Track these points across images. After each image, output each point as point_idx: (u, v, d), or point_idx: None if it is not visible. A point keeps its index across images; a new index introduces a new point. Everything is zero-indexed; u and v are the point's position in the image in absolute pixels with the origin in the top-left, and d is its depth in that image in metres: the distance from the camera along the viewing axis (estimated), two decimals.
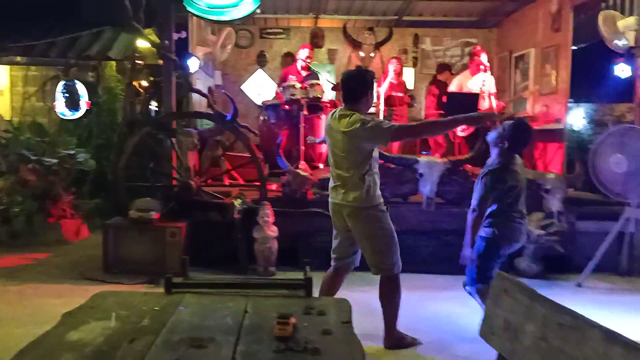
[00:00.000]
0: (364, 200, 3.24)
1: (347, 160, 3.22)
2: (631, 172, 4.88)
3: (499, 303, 2.00)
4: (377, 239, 3.37)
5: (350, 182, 3.24)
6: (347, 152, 3.20)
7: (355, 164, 3.20)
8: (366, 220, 3.32)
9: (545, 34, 7.39)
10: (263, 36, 8.71)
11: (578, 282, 4.94)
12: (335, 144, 3.25)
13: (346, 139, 3.15)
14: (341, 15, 8.47)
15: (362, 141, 3.15)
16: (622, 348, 1.30)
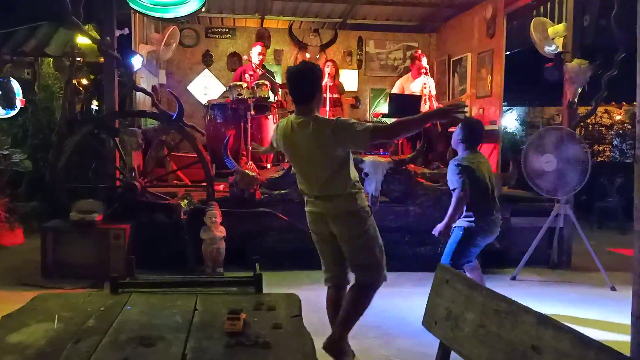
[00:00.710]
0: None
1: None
2: (560, 170, 5.19)
3: (441, 293, 2.09)
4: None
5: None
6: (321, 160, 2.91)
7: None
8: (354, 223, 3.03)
9: (480, 39, 7.71)
10: (209, 35, 8.62)
11: (513, 275, 5.21)
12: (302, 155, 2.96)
13: (315, 147, 2.86)
14: (287, 17, 8.53)
15: (337, 148, 2.86)
16: (553, 330, 1.41)
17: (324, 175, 2.92)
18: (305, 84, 2.91)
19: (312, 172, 2.97)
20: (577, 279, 5.24)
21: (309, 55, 8.70)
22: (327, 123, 2.87)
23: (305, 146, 2.90)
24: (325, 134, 2.81)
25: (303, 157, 2.97)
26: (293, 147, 2.99)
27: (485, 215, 3.78)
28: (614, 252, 6.49)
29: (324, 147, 2.85)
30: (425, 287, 4.51)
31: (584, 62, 5.66)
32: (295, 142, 2.94)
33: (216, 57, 8.65)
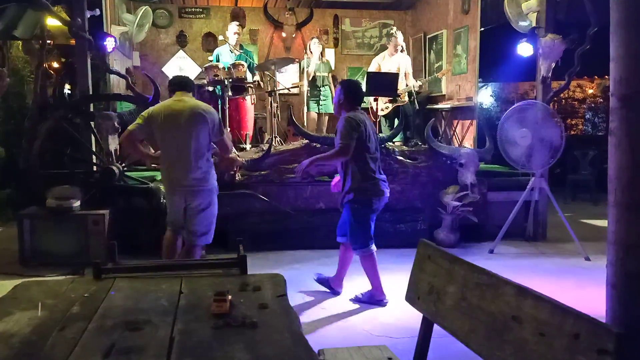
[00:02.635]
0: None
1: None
2: (535, 145, 5.28)
3: (423, 268, 2.13)
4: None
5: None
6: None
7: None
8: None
9: (455, 16, 7.73)
10: (182, 16, 8.46)
11: (490, 249, 5.32)
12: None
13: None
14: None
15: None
16: (532, 300, 1.46)
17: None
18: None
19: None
20: (552, 251, 5.38)
21: (285, 34, 8.62)
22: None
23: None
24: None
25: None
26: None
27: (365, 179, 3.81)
28: (588, 223, 6.68)
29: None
30: (405, 263, 4.61)
31: (557, 37, 5.71)
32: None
33: (190, 38, 8.51)
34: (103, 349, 1.51)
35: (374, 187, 3.79)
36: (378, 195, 3.81)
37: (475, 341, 1.66)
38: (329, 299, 4.02)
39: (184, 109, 3.63)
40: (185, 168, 3.62)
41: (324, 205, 5.53)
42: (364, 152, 3.75)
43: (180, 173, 3.64)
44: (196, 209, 3.68)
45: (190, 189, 3.65)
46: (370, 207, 3.82)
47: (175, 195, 3.72)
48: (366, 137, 3.74)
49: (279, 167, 5.53)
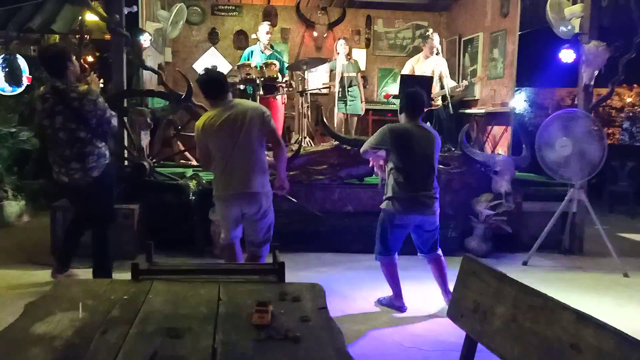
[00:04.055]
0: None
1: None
2: (575, 155, 5.11)
3: (468, 285, 2.04)
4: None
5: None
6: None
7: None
8: None
9: (493, 18, 7.57)
10: (214, 13, 8.48)
11: (524, 261, 5.17)
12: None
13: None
14: None
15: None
16: (594, 329, 1.37)
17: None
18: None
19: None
20: (589, 265, 5.20)
21: (317, 33, 8.58)
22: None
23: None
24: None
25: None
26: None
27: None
28: (625, 237, 6.47)
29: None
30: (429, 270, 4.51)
31: (602, 44, 5.54)
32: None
33: (222, 35, 8.51)
34: (146, 357, 1.49)
35: (401, 202, 3.68)
36: (405, 213, 3.69)
37: None
38: (355, 305, 3.95)
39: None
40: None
41: (352, 209, 5.46)
42: (396, 164, 3.71)
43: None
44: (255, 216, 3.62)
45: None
46: (391, 222, 3.73)
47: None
48: (399, 150, 3.68)
49: (307, 168, 5.47)
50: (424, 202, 3.69)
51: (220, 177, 3.55)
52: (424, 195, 3.70)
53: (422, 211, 3.70)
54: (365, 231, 5.32)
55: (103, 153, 3.83)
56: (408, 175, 3.69)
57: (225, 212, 3.60)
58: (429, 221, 3.75)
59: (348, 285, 4.28)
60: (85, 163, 3.73)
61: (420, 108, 3.87)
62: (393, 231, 3.77)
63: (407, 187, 3.67)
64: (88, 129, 3.71)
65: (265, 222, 3.65)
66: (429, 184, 3.74)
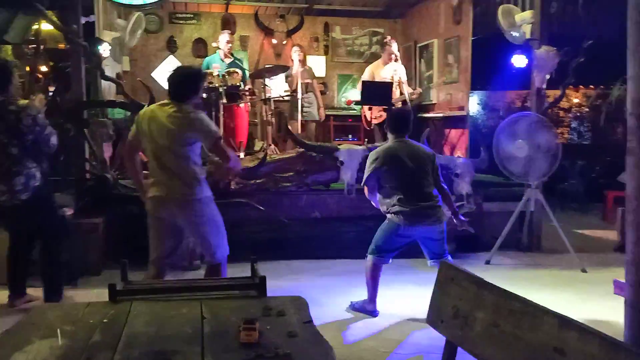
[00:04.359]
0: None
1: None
2: (531, 156, 5.32)
3: (447, 291, 2.08)
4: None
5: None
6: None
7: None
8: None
9: (446, 25, 7.78)
10: (172, 21, 8.37)
11: (487, 260, 5.35)
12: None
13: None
14: (252, 2, 8.38)
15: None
16: (577, 332, 1.43)
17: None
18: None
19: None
20: (548, 262, 5.41)
21: (276, 41, 8.60)
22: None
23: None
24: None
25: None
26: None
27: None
28: (578, 232, 6.76)
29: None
30: (403, 274, 4.63)
31: (552, 49, 5.78)
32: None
33: (181, 43, 8.42)
34: None
35: (405, 215, 3.77)
36: (410, 225, 3.78)
37: None
38: (329, 312, 3.97)
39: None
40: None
41: (319, 215, 5.50)
42: (391, 184, 3.83)
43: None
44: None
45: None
46: (395, 231, 3.83)
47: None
48: (391, 170, 3.82)
49: (274, 175, 5.48)
50: (426, 213, 3.79)
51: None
52: (425, 206, 3.81)
53: (425, 222, 3.80)
54: (333, 237, 5.38)
55: (33, 174, 3.67)
56: (405, 191, 3.79)
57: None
58: (435, 230, 3.85)
59: (320, 292, 4.29)
60: (13, 185, 3.58)
61: (405, 125, 3.98)
62: (394, 239, 3.86)
63: (407, 202, 3.77)
64: (21, 145, 3.58)
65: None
66: (427, 195, 3.85)
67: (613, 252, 5.74)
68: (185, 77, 3.31)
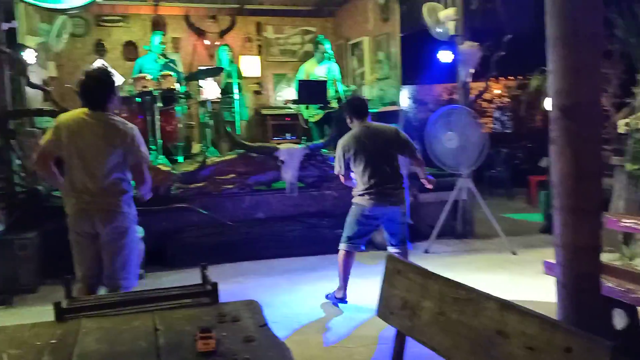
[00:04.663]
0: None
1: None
2: (461, 147, 5.58)
3: (394, 284, 2.16)
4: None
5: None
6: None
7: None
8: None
9: (375, 23, 7.97)
10: (100, 24, 8.10)
11: (426, 249, 5.56)
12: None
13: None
14: (182, 3, 8.26)
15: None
16: (518, 315, 1.53)
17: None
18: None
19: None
20: (481, 247, 5.72)
21: (208, 42, 8.50)
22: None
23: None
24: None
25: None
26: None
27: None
28: (506, 217, 7.14)
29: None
30: None
31: (475, 45, 6.06)
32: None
33: (110, 47, 8.17)
34: None
35: (370, 196, 3.93)
36: (375, 205, 3.94)
37: (459, 357, 1.70)
38: (276, 312, 4.00)
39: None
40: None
41: (263, 215, 5.53)
42: (358, 166, 3.96)
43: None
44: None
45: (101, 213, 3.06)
46: (362, 213, 3.98)
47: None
48: (356, 153, 3.94)
49: (215, 178, 5.45)
50: (390, 193, 3.96)
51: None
52: (390, 187, 3.97)
53: (390, 202, 3.96)
54: (277, 236, 5.42)
55: None
56: (371, 172, 3.92)
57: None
58: (398, 211, 4.01)
59: (266, 293, 4.32)
60: None
61: (363, 109, 4.14)
62: (362, 222, 3.99)
63: (373, 183, 3.91)
64: None
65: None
66: (392, 176, 4.01)
67: (539, 234, 6.13)
68: (99, 83, 3.10)
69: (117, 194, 3.07)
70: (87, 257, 3.13)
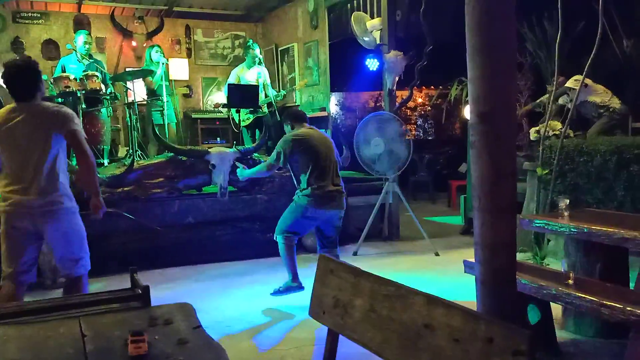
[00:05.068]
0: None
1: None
2: (387, 152, 5.76)
3: (326, 283, 2.19)
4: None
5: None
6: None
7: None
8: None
9: (305, 30, 8.09)
10: (17, 20, 7.69)
11: (354, 251, 5.70)
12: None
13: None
14: (107, 2, 8.00)
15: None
16: (443, 308, 1.62)
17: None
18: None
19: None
20: (407, 248, 5.93)
21: (135, 43, 8.27)
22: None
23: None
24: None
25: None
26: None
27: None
28: (429, 220, 7.44)
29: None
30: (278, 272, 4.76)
31: (399, 54, 6.29)
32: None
33: (28, 45, 7.78)
34: None
35: (315, 198, 3.98)
36: (317, 207, 4.01)
37: (390, 351, 1.76)
38: (208, 317, 3.96)
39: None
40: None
41: (193, 220, 5.44)
42: (305, 164, 4.01)
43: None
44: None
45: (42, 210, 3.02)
46: (303, 214, 4.03)
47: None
48: (305, 152, 4.01)
49: (143, 182, 5.30)
50: (334, 196, 4.05)
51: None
52: (335, 191, 4.06)
53: (333, 206, 4.04)
54: (208, 241, 5.35)
55: None
56: (319, 174, 3.99)
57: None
58: (338, 215, 4.12)
59: (197, 298, 4.24)
60: None
61: (303, 115, 4.27)
62: (301, 221, 4.06)
63: (321, 185, 3.98)
64: None
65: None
66: (336, 180, 4.11)
67: (459, 235, 6.45)
68: (25, 72, 3.04)
69: (55, 188, 3.04)
70: (20, 253, 3.07)
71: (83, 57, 6.12)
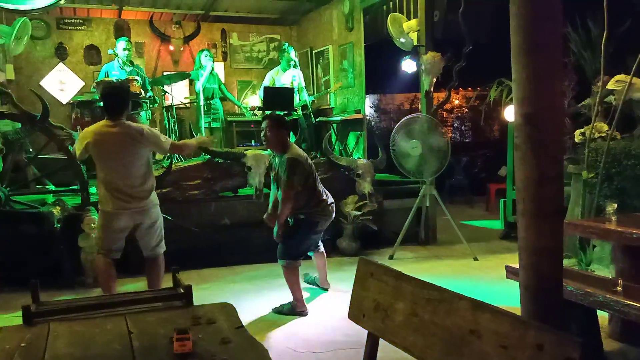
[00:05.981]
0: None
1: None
2: (424, 154, 5.69)
3: (366, 286, 2.17)
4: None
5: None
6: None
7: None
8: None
9: (340, 32, 8.08)
10: (60, 27, 7.92)
11: (390, 255, 5.64)
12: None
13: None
14: (146, 8, 8.15)
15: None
16: (490, 314, 1.57)
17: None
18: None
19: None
20: (444, 253, 5.83)
21: (173, 47, 8.43)
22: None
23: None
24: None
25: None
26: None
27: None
28: (467, 224, 7.32)
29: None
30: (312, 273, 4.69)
31: (437, 55, 6.21)
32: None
33: (71, 50, 8.00)
34: None
35: (320, 212, 4.13)
36: (328, 219, 4.22)
37: (433, 357, 1.72)
38: (243, 317, 3.97)
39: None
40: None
41: (229, 221, 5.49)
42: (314, 184, 4.12)
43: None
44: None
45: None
46: (314, 229, 4.16)
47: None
48: (313, 173, 4.14)
49: (180, 184, 5.39)
50: (334, 209, 4.27)
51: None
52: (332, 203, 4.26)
53: (331, 217, 4.24)
54: (243, 242, 5.39)
55: None
56: (323, 189, 4.19)
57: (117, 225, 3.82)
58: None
59: (232, 299, 4.19)
60: None
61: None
62: (313, 237, 4.17)
63: (326, 199, 4.17)
64: None
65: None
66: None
67: (499, 240, 6.31)
68: (118, 93, 3.85)
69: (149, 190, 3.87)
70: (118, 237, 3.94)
71: (125, 64, 6.27)
